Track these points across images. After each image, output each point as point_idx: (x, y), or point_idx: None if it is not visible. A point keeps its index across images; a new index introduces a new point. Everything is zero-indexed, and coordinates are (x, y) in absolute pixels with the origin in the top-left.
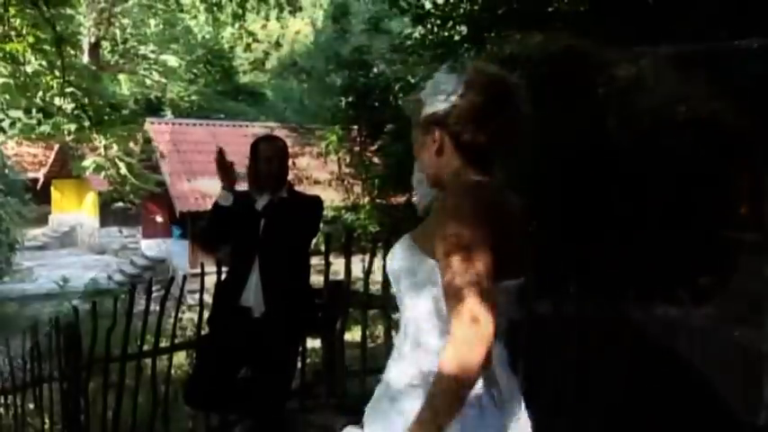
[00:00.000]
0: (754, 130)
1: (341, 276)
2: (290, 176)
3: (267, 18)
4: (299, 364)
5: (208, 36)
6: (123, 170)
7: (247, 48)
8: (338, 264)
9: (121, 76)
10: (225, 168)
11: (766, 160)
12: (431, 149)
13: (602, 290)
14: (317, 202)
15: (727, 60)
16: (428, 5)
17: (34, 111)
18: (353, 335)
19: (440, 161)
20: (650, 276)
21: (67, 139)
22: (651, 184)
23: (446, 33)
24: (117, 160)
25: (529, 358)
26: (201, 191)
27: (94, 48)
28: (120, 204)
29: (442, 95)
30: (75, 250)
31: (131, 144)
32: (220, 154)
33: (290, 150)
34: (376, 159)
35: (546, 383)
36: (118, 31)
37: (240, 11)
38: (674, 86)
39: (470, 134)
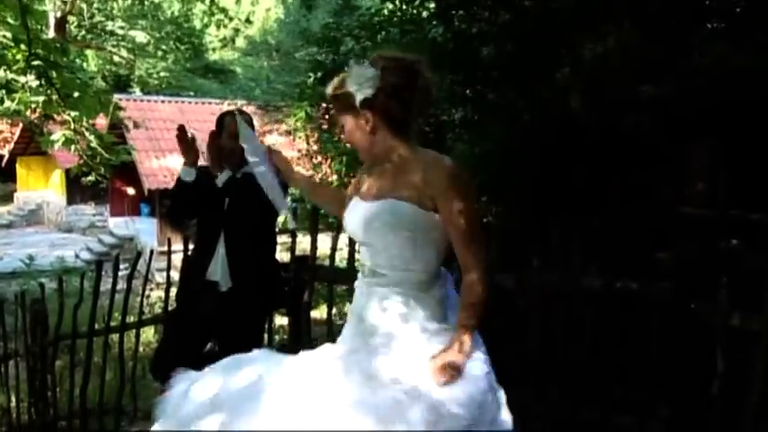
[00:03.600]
0: (713, 107)
1: (308, 253)
2: None
3: None
4: (266, 340)
5: (177, 12)
6: (94, 143)
7: (219, 24)
8: (305, 242)
9: (89, 52)
10: (186, 144)
11: (722, 138)
12: (365, 129)
13: (563, 263)
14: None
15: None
16: None
17: None
18: (321, 312)
19: (375, 138)
20: (610, 250)
21: (34, 115)
22: (612, 160)
23: (414, 11)
24: (87, 133)
25: (492, 330)
26: (170, 168)
27: (61, 23)
28: (90, 179)
29: (366, 83)
30: (41, 228)
31: (99, 120)
32: (181, 130)
33: (257, 128)
34: (343, 137)
35: (509, 355)
36: (85, 6)
37: None
38: (638, 65)
39: (396, 109)
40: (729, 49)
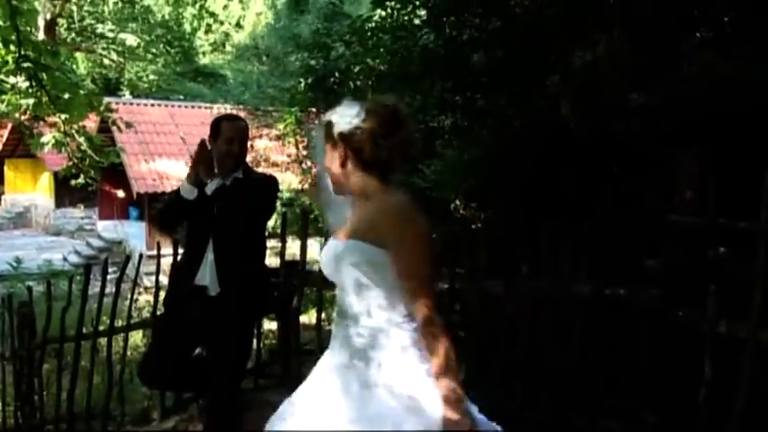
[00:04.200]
0: (702, 116)
1: (298, 258)
2: (248, 159)
3: None
4: (255, 344)
5: (167, 16)
6: (84, 145)
7: (208, 29)
8: (295, 246)
9: (78, 55)
10: (203, 161)
11: (711, 146)
12: (337, 162)
13: (552, 269)
14: (271, 180)
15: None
16: None
17: None
18: (310, 317)
19: (344, 171)
20: (600, 257)
21: (24, 116)
22: (602, 167)
23: (405, 17)
24: (76, 135)
25: (481, 336)
26: (159, 172)
27: (51, 25)
28: (80, 181)
29: (347, 119)
30: (29, 231)
31: (89, 123)
32: (203, 145)
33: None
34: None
35: (498, 360)
36: (75, 8)
37: None
38: (627, 72)
39: (369, 152)
40: (717, 57)
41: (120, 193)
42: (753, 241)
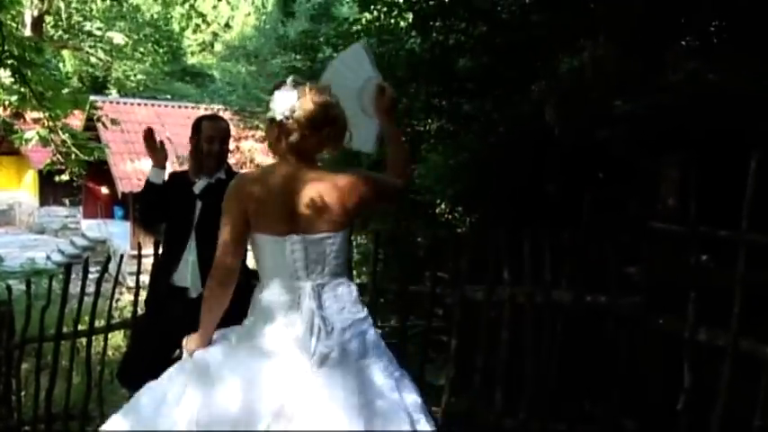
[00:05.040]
0: (686, 124)
1: None
2: (234, 160)
3: None
4: None
5: (156, 15)
6: (68, 141)
7: (197, 29)
8: None
9: (65, 53)
10: (153, 147)
11: (694, 154)
12: (271, 137)
13: (534, 276)
14: None
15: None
16: None
17: None
18: None
19: (275, 149)
20: (581, 264)
21: (6, 113)
22: (586, 173)
23: (392, 21)
24: (60, 132)
25: (462, 341)
26: (145, 171)
27: (38, 22)
28: (64, 177)
29: (281, 107)
30: (12, 229)
31: (74, 121)
32: (149, 131)
33: (233, 134)
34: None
35: (478, 366)
36: (62, 6)
37: None
38: (612, 79)
39: (295, 137)
40: (703, 66)
41: (106, 192)
42: (733, 250)
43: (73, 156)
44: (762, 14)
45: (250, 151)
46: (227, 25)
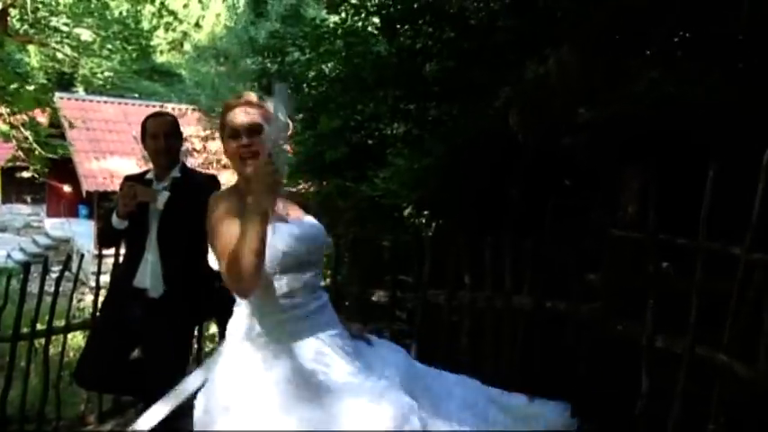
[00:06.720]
0: (646, 133)
1: None
2: (201, 160)
3: None
4: (195, 349)
5: (125, 12)
6: (31, 138)
7: (168, 27)
8: None
9: (31, 47)
10: (128, 203)
11: (654, 163)
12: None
13: (495, 282)
14: (211, 179)
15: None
16: None
17: None
18: None
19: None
20: (542, 270)
21: None
22: (548, 180)
23: (359, 24)
24: (22, 128)
25: (423, 345)
26: (110, 170)
27: (2, 15)
28: (26, 174)
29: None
30: None
31: (39, 118)
32: (131, 188)
33: (202, 134)
34: (286, 146)
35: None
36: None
37: None
38: (576, 87)
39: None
40: (663, 76)
41: (70, 190)
42: (692, 257)
43: (36, 152)
44: (723, 27)
45: (216, 152)
46: (198, 25)
